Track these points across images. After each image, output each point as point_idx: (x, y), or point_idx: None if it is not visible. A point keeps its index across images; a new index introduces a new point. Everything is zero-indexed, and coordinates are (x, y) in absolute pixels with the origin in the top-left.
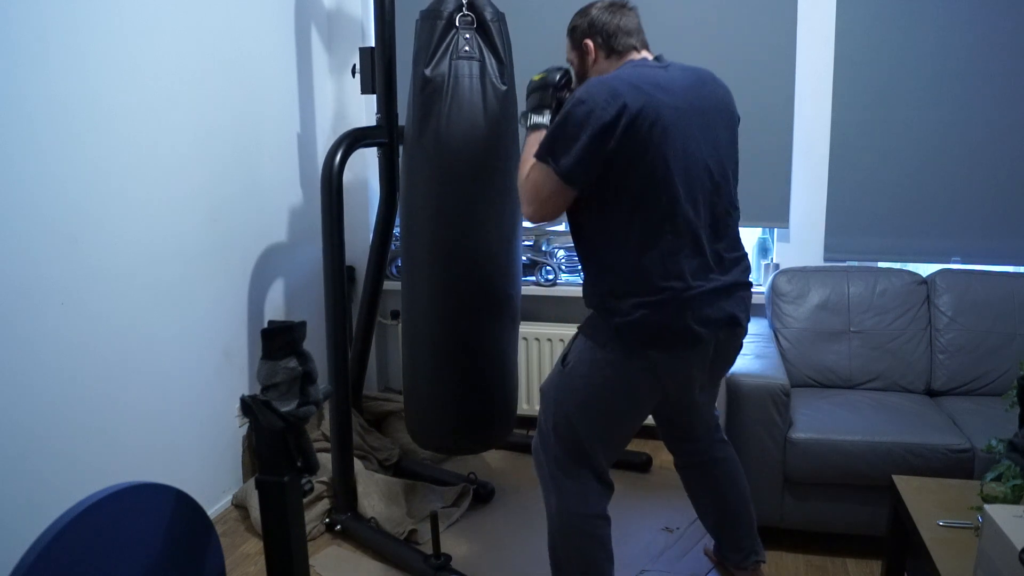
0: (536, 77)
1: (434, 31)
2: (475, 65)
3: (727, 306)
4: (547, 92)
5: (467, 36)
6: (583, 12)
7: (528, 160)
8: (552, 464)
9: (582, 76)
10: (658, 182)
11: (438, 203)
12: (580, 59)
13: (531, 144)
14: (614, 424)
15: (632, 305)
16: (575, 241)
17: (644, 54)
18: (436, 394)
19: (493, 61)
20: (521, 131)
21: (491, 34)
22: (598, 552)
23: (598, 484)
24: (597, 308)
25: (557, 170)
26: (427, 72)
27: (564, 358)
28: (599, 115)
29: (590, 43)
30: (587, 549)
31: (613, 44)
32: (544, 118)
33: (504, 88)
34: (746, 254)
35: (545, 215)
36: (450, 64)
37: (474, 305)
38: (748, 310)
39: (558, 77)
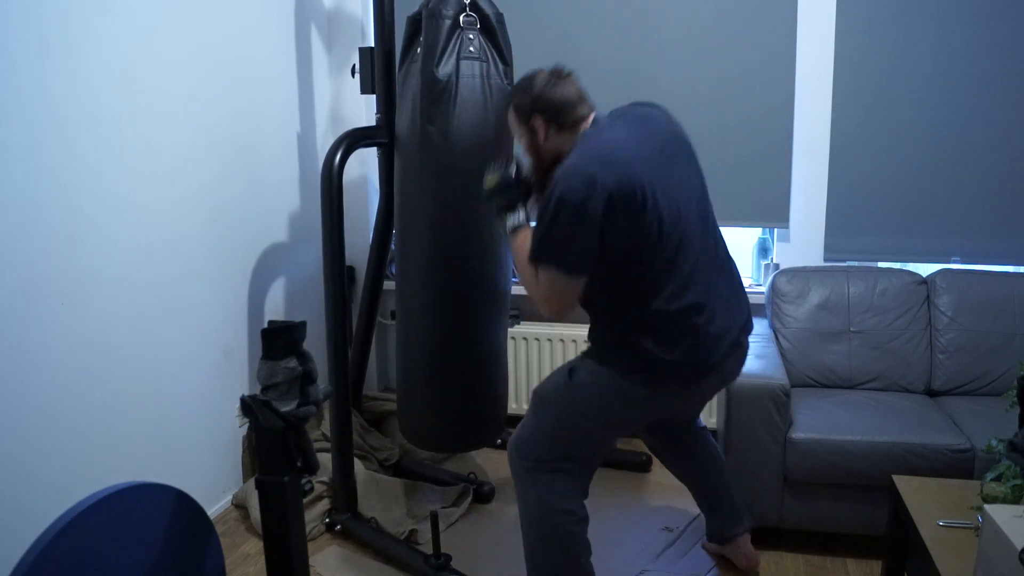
0: (490, 181)
1: (440, 30)
2: (480, 65)
3: (736, 335)
4: (512, 191)
5: (471, 36)
6: (523, 89)
7: (525, 264)
8: (531, 462)
9: (536, 151)
10: (659, 236)
11: (441, 201)
12: (530, 136)
13: (520, 247)
14: (607, 439)
15: (653, 343)
16: (584, 304)
17: (591, 117)
18: (437, 393)
19: (498, 62)
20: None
21: (495, 34)
22: (573, 544)
23: (573, 485)
24: (615, 343)
25: (565, 270)
26: (436, 72)
27: (571, 372)
28: (585, 206)
29: (538, 120)
30: (563, 542)
31: (562, 120)
32: (520, 216)
33: (508, 88)
34: (740, 280)
35: (565, 307)
36: (456, 64)
37: (474, 302)
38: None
39: (513, 173)
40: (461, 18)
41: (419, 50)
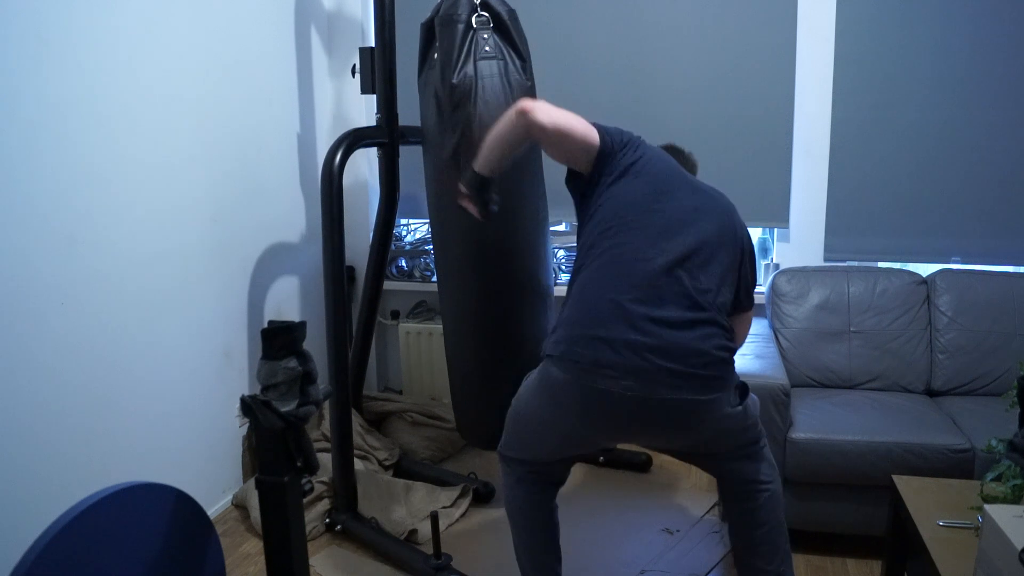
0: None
1: (455, 35)
2: (498, 64)
3: (666, 364)
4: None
5: (485, 36)
6: None
7: (506, 115)
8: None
9: None
10: (626, 209)
11: None
12: None
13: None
14: (534, 435)
15: (561, 330)
16: None
17: None
18: (492, 390)
19: (515, 58)
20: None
21: (509, 32)
22: (528, 521)
23: (531, 474)
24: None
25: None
26: (455, 76)
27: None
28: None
29: None
30: (521, 520)
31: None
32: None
33: (528, 84)
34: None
35: (563, 124)
36: (474, 66)
37: (521, 299)
38: (695, 387)
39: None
40: (473, 19)
41: (436, 56)
